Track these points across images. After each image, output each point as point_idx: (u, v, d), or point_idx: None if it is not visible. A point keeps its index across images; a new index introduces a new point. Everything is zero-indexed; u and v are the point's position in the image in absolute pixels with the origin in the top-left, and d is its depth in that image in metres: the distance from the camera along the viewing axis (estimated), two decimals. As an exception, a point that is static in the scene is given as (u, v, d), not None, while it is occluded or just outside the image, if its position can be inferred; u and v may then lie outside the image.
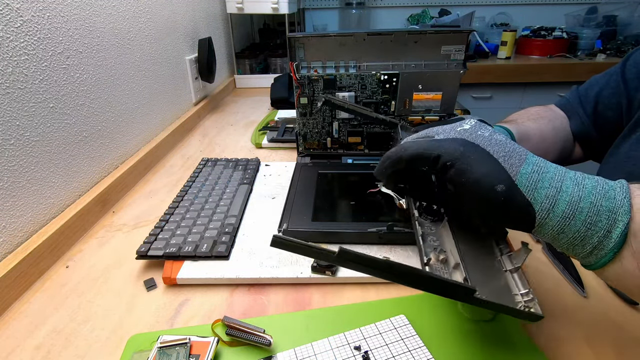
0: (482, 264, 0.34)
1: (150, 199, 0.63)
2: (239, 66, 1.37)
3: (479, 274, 0.33)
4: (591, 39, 1.84)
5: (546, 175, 0.29)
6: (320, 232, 0.48)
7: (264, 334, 0.35)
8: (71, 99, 0.56)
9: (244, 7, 1.20)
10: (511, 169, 0.29)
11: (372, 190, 0.55)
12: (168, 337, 0.35)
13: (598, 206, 0.27)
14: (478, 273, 0.33)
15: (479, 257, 0.35)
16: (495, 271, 0.34)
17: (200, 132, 0.94)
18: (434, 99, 0.62)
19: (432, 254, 0.35)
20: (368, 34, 0.58)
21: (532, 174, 0.28)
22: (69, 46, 0.55)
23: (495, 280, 0.33)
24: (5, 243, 0.45)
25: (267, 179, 0.66)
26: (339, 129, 0.65)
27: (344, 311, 0.40)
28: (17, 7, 0.46)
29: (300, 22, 1.93)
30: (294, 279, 0.43)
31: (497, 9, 2.04)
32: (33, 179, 0.49)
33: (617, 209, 0.27)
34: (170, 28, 0.89)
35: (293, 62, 0.60)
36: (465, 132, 0.32)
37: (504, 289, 0.32)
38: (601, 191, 0.28)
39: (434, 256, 0.34)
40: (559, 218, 0.28)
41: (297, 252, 0.29)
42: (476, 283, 0.32)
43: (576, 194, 0.28)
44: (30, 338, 0.38)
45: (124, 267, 0.47)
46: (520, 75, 1.75)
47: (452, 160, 0.30)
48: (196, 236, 0.49)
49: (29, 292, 0.44)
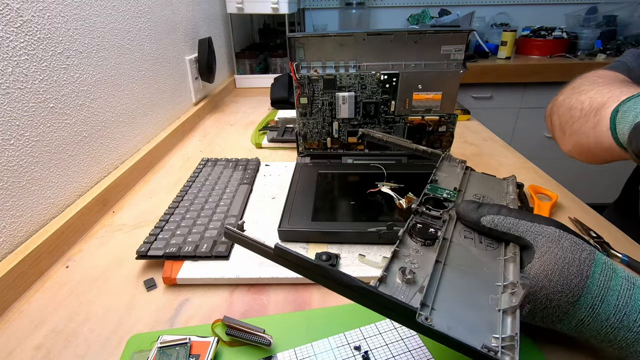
0: (466, 297, 0.29)
1: (150, 199, 0.63)
2: (239, 66, 1.37)
3: (454, 305, 0.28)
4: (591, 39, 1.84)
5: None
6: (320, 232, 0.48)
7: (264, 334, 0.35)
8: (71, 99, 0.56)
9: (244, 7, 1.20)
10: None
11: (372, 190, 0.55)
12: (168, 337, 0.35)
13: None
14: (452, 303, 0.28)
15: (468, 290, 0.30)
16: (480, 307, 0.28)
17: (200, 132, 0.94)
18: (434, 99, 0.62)
19: (399, 272, 0.30)
20: (368, 34, 0.58)
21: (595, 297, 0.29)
22: (69, 46, 0.55)
23: (476, 316, 0.27)
24: (5, 243, 0.45)
25: (267, 179, 0.66)
26: (339, 129, 0.65)
27: (344, 311, 0.40)
28: (17, 7, 0.46)
29: (300, 22, 1.93)
30: (294, 279, 0.43)
31: (497, 9, 2.04)
32: (33, 179, 0.49)
33: None
34: (170, 28, 0.89)
35: (293, 62, 0.60)
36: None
37: (482, 327, 0.27)
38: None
39: (399, 275, 0.30)
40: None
41: (242, 245, 0.30)
42: (442, 313, 0.27)
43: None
44: (30, 338, 0.38)
45: (124, 267, 0.47)
46: (520, 75, 1.75)
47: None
48: (196, 236, 0.49)
49: (29, 292, 0.44)
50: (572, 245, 0.30)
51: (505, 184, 0.47)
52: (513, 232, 0.33)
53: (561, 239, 0.31)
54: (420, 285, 0.29)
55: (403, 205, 0.50)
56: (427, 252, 0.34)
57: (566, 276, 0.29)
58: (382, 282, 0.29)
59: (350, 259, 0.45)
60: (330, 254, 0.44)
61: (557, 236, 0.31)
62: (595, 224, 0.53)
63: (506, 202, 0.42)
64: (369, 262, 0.46)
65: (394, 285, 0.29)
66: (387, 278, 0.30)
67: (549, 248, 0.30)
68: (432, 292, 0.29)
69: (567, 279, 0.29)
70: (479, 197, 0.43)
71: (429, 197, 0.42)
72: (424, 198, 0.41)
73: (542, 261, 0.30)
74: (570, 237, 0.31)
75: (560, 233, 0.31)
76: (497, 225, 0.34)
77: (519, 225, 0.33)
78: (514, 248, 0.33)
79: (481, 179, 0.48)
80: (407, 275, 0.29)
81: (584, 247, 0.30)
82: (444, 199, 0.41)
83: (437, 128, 0.65)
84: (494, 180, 0.48)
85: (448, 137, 0.66)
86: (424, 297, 0.28)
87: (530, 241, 0.32)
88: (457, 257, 0.33)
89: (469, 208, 0.36)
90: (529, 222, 0.33)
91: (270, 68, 1.41)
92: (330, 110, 0.64)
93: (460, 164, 0.50)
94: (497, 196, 0.44)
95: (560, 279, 0.29)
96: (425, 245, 0.34)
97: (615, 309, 0.28)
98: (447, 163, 0.51)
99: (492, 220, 0.34)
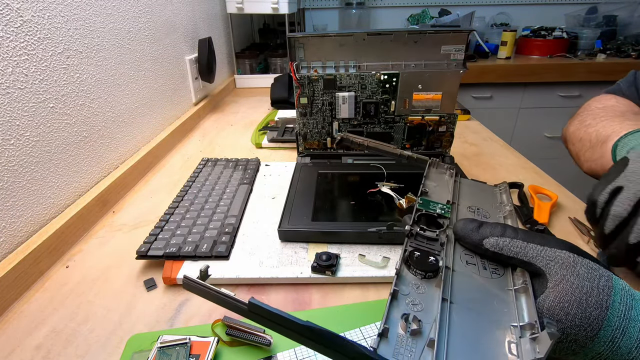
0: (481, 347, 0.25)
1: (150, 199, 0.63)
2: (239, 66, 1.37)
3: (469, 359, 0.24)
4: (591, 39, 1.84)
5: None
6: (320, 232, 0.48)
7: (264, 334, 0.35)
8: (71, 99, 0.56)
9: (244, 7, 1.20)
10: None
11: (372, 190, 0.55)
12: (168, 337, 0.35)
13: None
14: (467, 357, 0.24)
15: (481, 336, 0.26)
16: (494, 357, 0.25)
17: (200, 132, 0.94)
18: (434, 99, 0.62)
19: (401, 321, 0.26)
20: (368, 34, 0.58)
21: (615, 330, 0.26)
22: (69, 46, 0.55)
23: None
24: (5, 243, 0.45)
25: (267, 179, 0.66)
26: (339, 129, 0.65)
27: (344, 311, 0.40)
28: (17, 7, 0.46)
29: (300, 22, 1.93)
30: (294, 279, 0.43)
31: (497, 9, 2.04)
32: (33, 179, 0.49)
33: None
34: (170, 28, 0.89)
35: (293, 62, 0.60)
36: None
37: None
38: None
39: (402, 325, 0.26)
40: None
41: (205, 297, 0.26)
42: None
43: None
44: (30, 338, 0.38)
45: (124, 267, 0.47)
46: (520, 75, 1.75)
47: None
48: (196, 236, 0.49)
49: (29, 292, 0.44)
50: (588, 272, 0.27)
51: (498, 193, 0.45)
52: (521, 257, 0.30)
53: (576, 264, 0.27)
54: (428, 337, 0.25)
55: (403, 205, 0.50)
56: (429, 287, 0.30)
57: (585, 308, 0.26)
58: (383, 337, 0.25)
59: (350, 259, 0.45)
60: (330, 254, 0.44)
61: (571, 262, 0.28)
62: (595, 224, 0.53)
63: (503, 214, 0.40)
64: (369, 262, 0.46)
65: (397, 340, 0.25)
66: (389, 331, 0.25)
67: (563, 276, 0.27)
68: (442, 345, 0.25)
69: (585, 311, 0.26)
70: (473, 209, 0.41)
71: (422, 213, 0.39)
72: (416, 215, 0.38)
73: (557, 291, 0.27)
74: (587, 262, 0.28)
75: (575, 258, 0.28)
76: (502, 249, 0.30)
77: (528, 250, 0.29)
78: (522, 275, 0.30)
79: (472, 186, 0.46)
80: (412, 325, 0.25)
81: (602, 273, 0.27)
82: (438, 215, 0.38)
83: (437, 128, 0.65)
84: (486, 188, 0.46)
85: (448, 137, 0.66)
86: (436, 355, 0.24)
87: (542, 267, 0.28)
88: (462, 291, 0.29)
89: (468, 228, 0.33)
90: (538, 246, 0.29)
91: (270, 68, 1.41)
92: (330, 110, 0.64)
93: (449, 170, 0.48)
94: (492, 208, 0.42)
95: (579, 311, 0.26)
96: (426, 278, 0.30)
97: (638, 342, 0.25)
98: (434, 170, 0.49)
99: (496, 243, 0.31)
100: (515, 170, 0.71)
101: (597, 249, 0.48)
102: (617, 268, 0.45)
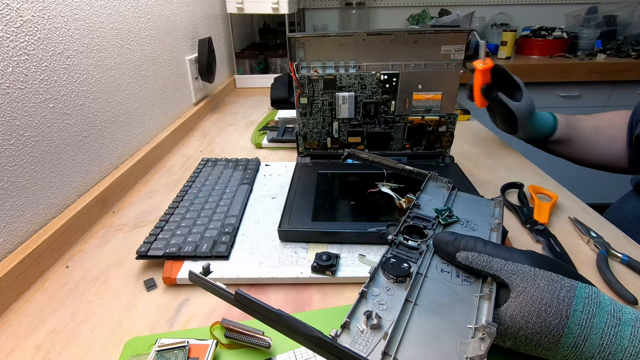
0: (434, 342, 0.28)
1: (150, 199, 0.63)
2: (239, 66, 1.37)
3: (419, 353, 0.27)
4: (591, 39, 1.84)
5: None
6: (320, 232, 0.48)
7: (263, 336, 0.35)
8: (71, 99, 0.56)
9: (244, 7, 1.20)
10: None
11: (372, 190, 0.55)
12: (166, 340, 0.34)
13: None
14: (417, 351, 0.27)
15: (437, 335, 0.28)
16: (447, 355, 0.27)
17: (200, 132, 0.94)
18: (434, 99, 0.62)
19: (364, 317, 0.28)
20: (368, 34, 0.58)
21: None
22: (69, 46, 0.55)
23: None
24: (5, 243, 0.45)
25: (267, 179, 0.66)
26: (339, 129, 0.65)
27: (344, 311, 0.40)
28: (17, 7, 0.46)
29: (300, 22, 1.93)
30: (294, 279, 0.43)
31: (497, 9, 2.04)
32: (33, 179, 0.49)
33: None
34: (170, 28, 0.89)
35: (293, 62, 0.60)
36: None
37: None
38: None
39: (364, 320, 0.28)
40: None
41: (205, 289, 0.30)
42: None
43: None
44: (30, 338, 0.38)
45: (124, 267, 0.47)
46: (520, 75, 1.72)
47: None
48: (196, 236, 0.49)
49: (29, 292, 0.44)
50: (549, 284, 0.29)
51: (492, 206, 0.46)
52: (487, 270, 0.32)
53: (537, 278, 0.29)
54: (385, 331, 0.28)
55: (403, 205, 0.50)
56: (398, 289, 0.32)
57: (544, 318, 0.28)
58: (344, 329, 0.28)
59: (350, 259, 0.45)
60: (330, 254, 0.44)
61: (532, 275, 0.29)
62: (595, 224, 0.53)
63: (490, 227, 0.41)
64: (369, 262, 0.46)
65: (356, 333, 0.28)
66: (350, 324, 0.28)
67: (524, 288, 0.29)
68: (396, 338, 0.27)
69: (545, 320, 0.28)
70: (462, 222, 0.42)
71: (409, 224, 0.41)
72: (402, 227, 0.40)
73: (517, 302, 0.29)
74: (547, 274, 0.29)
75: (536, 272, 0.30)
76: (471, 262, 0.33)
77: (493, 264, 0.32)
78: (490, 284, 0.32)
79: (467, 200, 0.47)
80: (373, 320, 0.28)
81: (563, 284, 0.29)
82: (424, 227, 0.40)
83: (437, 128, 0.65)
84: (481, 202, 0.47)
85: (448, 137, 0.66)
86: (387, 345, 0.26)
87: (505, 280, 0.31)
88: (429, 295, 0.32)
89: (445, 240, 0.35)
90: (502, 260, 0.31)
91: (270, 68, 1.41)
92: (330, 110, 0.64)
93: (447, 184, 0.49)
94: (482, 220, 0.42)
95: (539, 320, 0.28)
96: (397, 282, 0.33)
97: (599, 348, 0.27)
98: (432, 184, 0.50)
99: (466, 257, 0.33)
100: (515, 170, 0.71)
101: (597, 249, 0.48)
102: (619, 273, 0.45)
